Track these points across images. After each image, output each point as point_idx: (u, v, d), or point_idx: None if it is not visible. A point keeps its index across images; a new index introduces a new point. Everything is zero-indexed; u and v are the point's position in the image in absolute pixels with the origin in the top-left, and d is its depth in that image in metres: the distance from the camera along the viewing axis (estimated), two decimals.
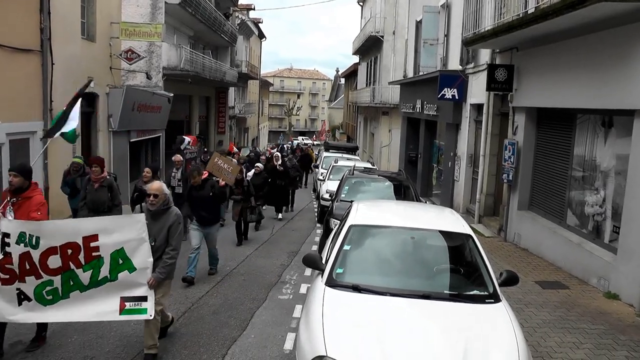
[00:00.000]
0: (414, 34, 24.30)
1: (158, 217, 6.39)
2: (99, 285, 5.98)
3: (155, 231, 6.28)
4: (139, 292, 6.03)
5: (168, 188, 11.96)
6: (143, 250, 6.02)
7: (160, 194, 6.39)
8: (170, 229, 6.35)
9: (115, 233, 5.98)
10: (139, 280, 6.02)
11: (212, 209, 10.04)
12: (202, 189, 10.06)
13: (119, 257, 5.96)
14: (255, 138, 57.30)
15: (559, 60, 10.61)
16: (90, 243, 5.93)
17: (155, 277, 6.10)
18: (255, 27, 49.30)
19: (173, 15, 22.23)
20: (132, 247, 5.99)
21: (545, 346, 6.90)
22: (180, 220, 6.47)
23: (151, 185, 6.61)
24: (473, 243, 6.07)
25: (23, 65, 12.61)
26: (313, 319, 4.88)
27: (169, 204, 6.53)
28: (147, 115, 19.68)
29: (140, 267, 6.02)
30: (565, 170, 11.15)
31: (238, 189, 13.09)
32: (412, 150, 24.94)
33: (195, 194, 10.03)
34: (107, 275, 5.97)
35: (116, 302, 6.00)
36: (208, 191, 10.08)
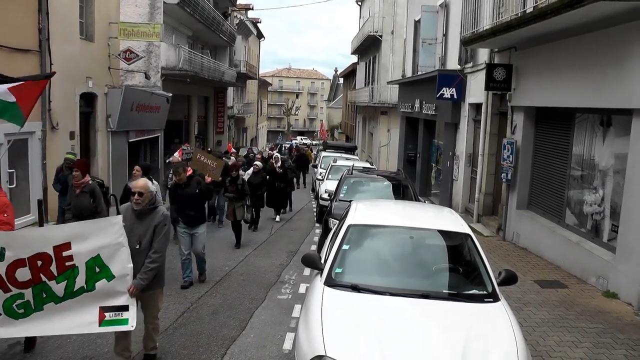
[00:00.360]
0: (413, 33, 24.30)
1: (143, 217, 5.92)
2: (75, 296, 5.54)
3: (141, 232, 5.84)
4: (119, 301, 5.62)
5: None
6: (122, 256, 5.57)
7: (145, 192, 5.91)
8: (155, 230, 5.86)
9: (90, 239, 5.53)
10: (119, 288, 5.60)
11: (199, 207, 9.68)
12: (188, 186, 9.63)
13: (95, 265, 5.52)
14: (254, 138, 57.30)
15: (558, 59, 10.62)
16: (63, 252, 5.47)
17: (136, 284, 5.65)
18: (254, 26, 49.30)
19: (171, 15, 22.22)
20: (110, 253, 5.55)
21: (544, 345, 6.91)
22: (167, 222, 6.01)
23: (136, 183, 6.15)
24: (472, 242, 6.07)
25: (21, 65, 12.58)
26: (312, 319, 4.89)
27: (156, 203, 6.12)
28: (145, 115, 19.68)
29: (120, 274, 5.58)
30: (564, 169, 11.16)
31: (232, 186, 12.80)
32: (410, 149, 24.95)
33: (181, 192, 9.62)
34: (83, 285, 5.53)
35: (95, 313, 5.59)
36: (194, 188, 9.62)
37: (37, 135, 13.24)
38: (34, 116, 13.06)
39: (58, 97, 14.04)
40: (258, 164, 15.50)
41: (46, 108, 13.46)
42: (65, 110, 14.60)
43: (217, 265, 10.83)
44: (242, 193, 12.90)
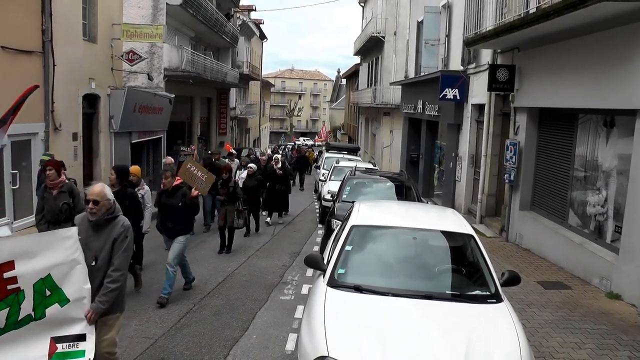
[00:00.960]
0: (415, 34, 24.30)
1: (101, 229, 5.08)
2: (20, 326, 4.55)
3: (97, 247, 5.02)
4: (74, 329, 4.77)
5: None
6: (77, 276, 4.74)
7: (102, 200, 5.06)
8: (114, 244, 5.03)
9: (39, 256, 4.59)
10: (74, 314, 4.75)
11: (179, 221, 8.91)
12: (173, 196, 8.97)
13: (45, 288, 4.61)
14: (256, 139, 57.33)
15: (561, 60, 10.61)
16: (4, 273, 4.45)
17: (94, 308, 4.82)
18: (257, 28, 49.31)
19: (174, 17, 22.22)
20: (63, 272, 4.68)
21: (547, 346, 6.89)
22: (128, 233, 5.13)
23: (91, 189, 5.15)
24: (475, 243, 6.06)
25: (25, 66, 12.62)
26: (315, 320, 4.88)
27: (115, 212, 5.20)
28: (148, 116, 19.69)
29: (75, 297, 4.74)
30: (567, 170, 11.14)
31: (223, 189, 12.28)
32: (413, 150, 24.95)
33: (165, 200, 9.06)
34: (30, 313, 4.58)
35: (45, 345, 4.67)
36: (178, 199, 8.92)
37: (40, 136, 13.25)
38: (37, 117, 13.11)
39: (61, 99, 14.05)
40: (252, 167, 14.92)
41: (49, 109, 13.46)
42: (68, 112, 14.61)
43: (219, 266, 10.84)
44: (233, 196, 12.35)
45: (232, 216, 12.13)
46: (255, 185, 14.38)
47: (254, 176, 14.52)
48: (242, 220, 12.49)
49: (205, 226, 14.62)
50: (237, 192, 12.42)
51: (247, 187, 13.96)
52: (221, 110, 35.69)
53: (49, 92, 13.41)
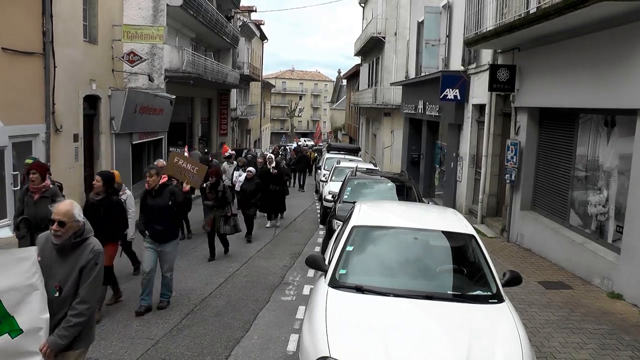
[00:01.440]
0: (416, 34, 24.30)
1: (66, 254, 4.37)
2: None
3: (62, 275, 4.33)
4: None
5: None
6: (33, 303, 4.13)
7: (68, 222, 4.32)
8: (82, 272, 4.32)
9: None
10: (28, 347, 4.12)
11: (169, 222, 8.26)
12: (160, 195, 8.23)
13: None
14: (257, 140, 57.34)
15: (561, 60, 10.61)
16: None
17: (51, 342, 4.17)
18: (257, 29, 49.34)
19: (175, 18, 22.24)
20: (17, 298, 4.07)
21: (548, 346, 6.89)
22: (98, 260, 4.41)
23: (56, 208, 4.41)
24: (476, 243, 6.06)
25: (25, 68, 12.63)
26: (316, 320, 4.88)
27: (84, 234, 4.45)
28: (149, 117, 19.70)
29: (29, 328, 4.12)
30: (568, 170, 11.14)
31: (211, 193, 11.59)
32: (414, 151, 24.96)
33: (151, 201, 8.26)
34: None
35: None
36: (166, 199, 8.23)
37: (41, 137, 13.25)
38: (38, 119, 13.13)
39: (62, 100, 14.06)
40: (252, 170, 14.37)
41: (50, 110, 13.46)
42: (69, 113, 14.62)
43: (221, 267, 10.84)
44: (222, 201, 11.57)
45: (220, 222, 11.51)
46: (254, 189, 13.86)
47: (252, 180, 14.03)
48: (230, 227, 11.62)
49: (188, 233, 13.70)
50: (226, 197, 11.62)
51: (245, 191, 13.67)
52: (222, 111, 35.70)
53: (50, 93, 13.42)
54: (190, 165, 9.77)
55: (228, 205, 11.65)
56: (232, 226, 11.67)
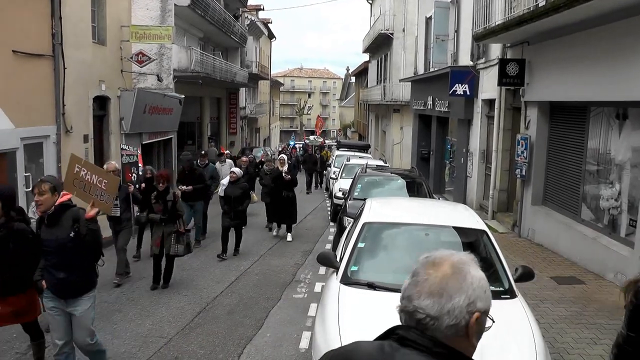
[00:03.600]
0: (424, 30, 24.23)
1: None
2: None
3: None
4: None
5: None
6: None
7: None
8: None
9: None
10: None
11: (77, 266, 5.39)
12: (57, 223, 5.32)
13: None
14: (266, 138, 57.41)
15: (572, 52, 10.53)
16: None
17: None
18: (265, 27, 49.36)
19: (182, 18, 22.28)
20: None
21: (562, 342, 6.85)
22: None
23: None
24: (487, 239, 6.04)
25: (36, 70, 12.71)
26: (329, 317, 4.88)
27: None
28: (158, 117, 19.77)
29: None
30: (579, 164, 11.07)
31: (158, 205, 9.30)
32: (424, 147, 24.89)
33: (46, 233, 5.37)
34: None
35: None
36: (67, 229, 5.30)
37: (52, 139, 13.33)
38: (48, 120, 13.21)
39: (72, 101, 14.13)
40: (235, 172, 12.07)
41: (60, 112, 13.54)
42: (78, 114, 14.70)
43: (232, 265, 10.86)
44: (172, 214, 9.28)
45: (170, 241, 9.17)
46: (240, 195, 11.74)
47: (237, 183, 11.88)
48: (182, 247, 9.28)
49: (197, 241, 12.36)
50: (177, 209, 9.35)
51: (229, 197, 11.69)
52: (231, 110, 35.77)
53: (60, 95, 13.49)
54: (97, 176, 6.03)
55: (180, 218, 9.41)
56: (185, 245, 9.34)
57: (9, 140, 11.76)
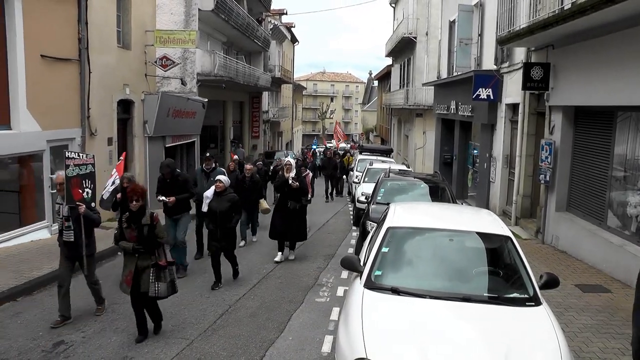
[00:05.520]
0: (447, 34, 24.12)
1: None
2: None
3: None
4: None
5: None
6: None
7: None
8: None
9: None
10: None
11: None
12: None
13: None
14: (289, 142, 57.53)
15: (598, 56, 10.39)
16: None
17: None
18: (288, 31, 49.56)
19: (206, 22, 22.45)
20: None
21: (587, 352, 6.74)
22: None
23: None
24: (512, 245, 5.98)
25: (62, 74, 12.91)
26: (352, 321, 4.86)
27: None
28: (182, 120, 19.92)
29: None
30: (606, 170, 10.91)
31: (131, 228, 7.03)
32: (446, 152, 24.77)
33: None
34: None
35: None
36: None
37: (77, 141, 13.53)
38: (74, 123, 13.40)
39: (96, 104, 14.32)
40: (223, 180, 9.78)
41: (85, 115, 13.74)
42: (103, 117, 14.88)
43: (254, 268, 10.86)
44: (148, 243, 7.04)
45: (148, 278, 6.95)
46: (227, 208, 9.56)
47: (224, 195, 9.68)
48: (165, 284, 7.04)
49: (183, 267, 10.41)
50: (156, 235, 7.11)
51: (214, 212, 9.57)
52: (254, 113, 35.95)
53: (85, 98, 13.70)
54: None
55: (160, 247, 7.21)
56: (169, 282, 7.11)
57: (36, 142, 11.97)
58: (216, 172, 11.91)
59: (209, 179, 11.55)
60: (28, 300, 8.50)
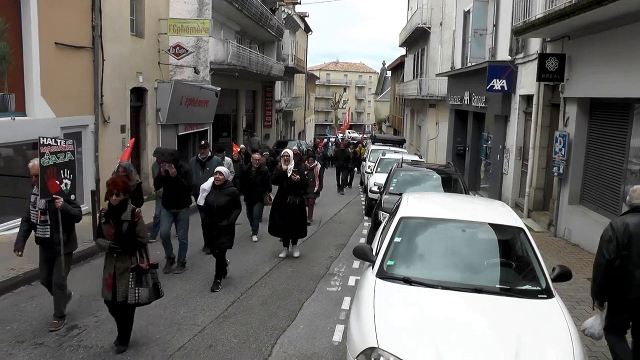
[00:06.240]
0: (462, 24, 23.97)
1: None
2: None
3: None
4: None
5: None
6: None
7: None
8: None
9: None
10: None
11: None
12: None
13: None
14: (301, 131, 57.52)
15: (615, 47, 10.28)
16: None
17: None
18: (301, 21, 49.42)
19: (220, 11, 22.44)
20: None
21: (599, 346, 6.67)
22: None
23: None
24: (525, 236, 5.95)
25: (76, 62, 12.97)
26: (364, 311, 4.87)
27: None
28: (194, 109, 19.97)
29: None
30: (620, 162, 10.82)
31: (109, 226, 6.28)
32: (459, 143, 24.67)
33: None
34: None
35: None
36: None
37: (90, 128, 13.62)
38: (87, 110, 13.47)
39: (110, 92, 14.38)
40: (222, 172, 8.90)
41: (98, 102, 13.81)
42: (116, 105, 14.95)
43: (266, 257, 10.87)
44: (128, 242, 6.27)
45: (127, 282, 6.21)
46: (226, 203, 8.72)
47: (224, 188, 8.83)
48: (147, 290, 6.33)
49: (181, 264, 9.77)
50: (137, 234, 6.31)
51: (211, 206, 8.76)
52: (266, 103, 35.96)
53: (99, 86, 13.76)
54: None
55: (142, 248, 6.45)
56: (152, 287, 6.40)
57: (50, 129, 12.01)
58: (212, 161, 11.50)
59: (205, 169, 11.28)
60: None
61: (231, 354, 6.44)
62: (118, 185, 6.27)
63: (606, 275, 5.37)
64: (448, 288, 5.18)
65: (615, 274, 5.33)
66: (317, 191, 14.79)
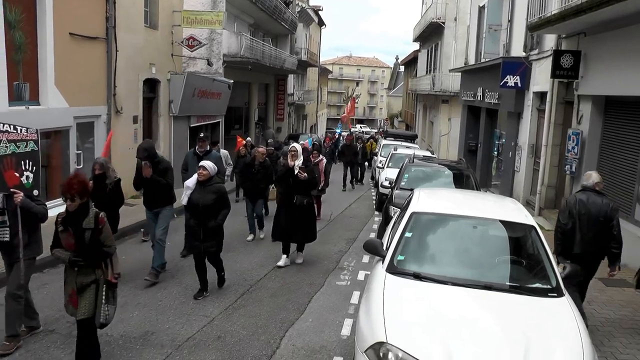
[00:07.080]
0: (476, 19, 23.80)
1: None
2: None
3: None
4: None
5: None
6: None
7: None
8: None
9: None
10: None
11: None
12: None
13: None
14: (313, 125, 57.47)
15: (632, 45, 10.14)
16: None
17: None
18: (315, 14, 49.29)
19: (233, 4, 22.42)
20: None
21: (609, 346, 6.67)
22: None
23: None
24: (536, 234, 5.92)
25: (90, 52, 13.03)
26: (373, 305, 4.86)
27: None
28: (207, 101, 20.00)
29: None
30: (635, 162, 10.70)
31: (67, 232, 5.43)
32: (471, 139, 24.55)
33: None
34: None
35: None
36: None
37: (103, 118, 13.69)
38: (100, 101, 13.54)
39: (123, 83, 14.43)
40: (207, 167, 7.97)
41: (111, 93, 13.88)
42: (129, 96, 15.00)
43: (275, 250, 10.87)
44: (90, 253, 5.40)
45: (91, 300, 5.42)
46: (212, 201, 7.85)
47: (209, 185, 7.95)
48: (113, 309, 5.65)
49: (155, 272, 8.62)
50: (102, 243, 5.47)
51: (196, 205, 7.85)
52: (279, 96, 35.96)
53: (112, 76, 13.83)
54: None
55: (108, 258, 5.59)
56: (115, 307, 5.70)
57: (63, 118, 12.11)
58: (211, 156, 10.72)
59: None
60: (53, 273, 8.62)
61: (240, 345, 6.46)
62: (72, 188, 5.28)
63: (562, 235, 6.97)
64: (458, 284, 5.16)
65: (569, 235, 6.93)
66: (322, 188, 13.78)
